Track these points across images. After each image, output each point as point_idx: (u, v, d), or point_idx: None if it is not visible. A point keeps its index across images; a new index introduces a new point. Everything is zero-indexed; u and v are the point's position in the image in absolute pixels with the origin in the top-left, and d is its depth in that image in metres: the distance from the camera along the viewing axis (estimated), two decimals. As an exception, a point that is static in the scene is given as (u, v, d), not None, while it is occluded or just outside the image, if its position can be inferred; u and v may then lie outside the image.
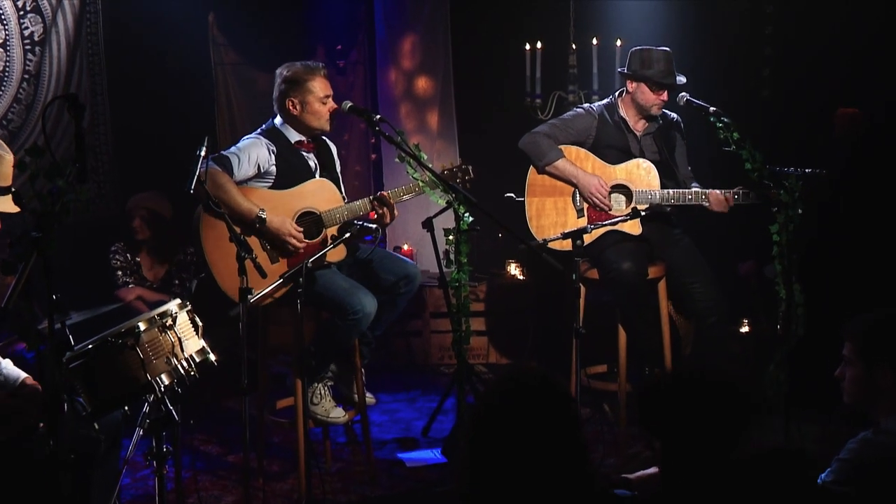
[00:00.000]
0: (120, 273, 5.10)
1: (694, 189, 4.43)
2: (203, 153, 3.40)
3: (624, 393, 4.43)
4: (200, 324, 3.17)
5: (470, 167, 4.21)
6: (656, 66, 4.42)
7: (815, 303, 4.14)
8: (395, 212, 4.05)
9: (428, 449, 4.51)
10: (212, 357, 3.16)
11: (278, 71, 4.10)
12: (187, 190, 3.35)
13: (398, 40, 6.23)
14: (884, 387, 2.60)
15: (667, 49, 4.46)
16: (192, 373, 3.05)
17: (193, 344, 3.12)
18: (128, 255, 5.13)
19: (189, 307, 3.15)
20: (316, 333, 4.07)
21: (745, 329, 5.26)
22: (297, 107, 4.04)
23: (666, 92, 4.43)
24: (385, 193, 4.04)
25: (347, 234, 3.83)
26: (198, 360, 3.10)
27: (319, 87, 4.05)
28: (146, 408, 3.04)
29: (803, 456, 2.21)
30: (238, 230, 3.51)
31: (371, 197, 4.06)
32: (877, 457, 2.51)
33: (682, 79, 4.44)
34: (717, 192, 4.33)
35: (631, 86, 4.52)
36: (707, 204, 4.35)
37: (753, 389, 3.98)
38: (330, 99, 4.07)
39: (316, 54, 6.08)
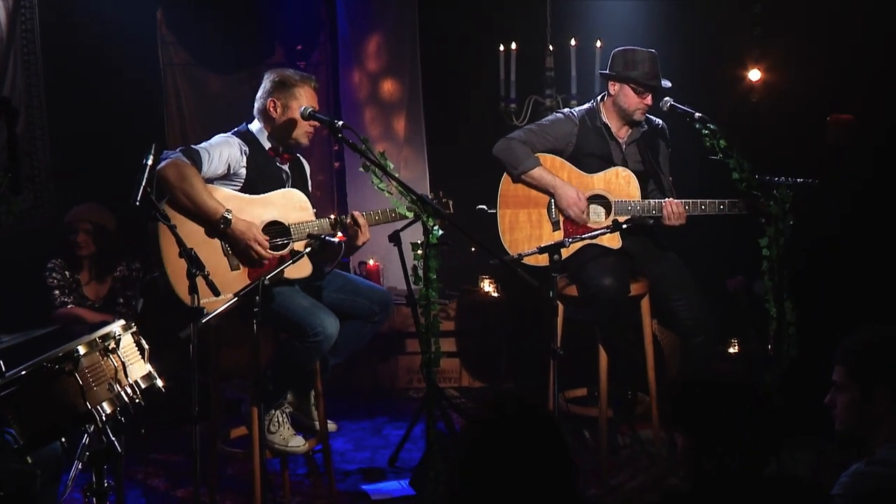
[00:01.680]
0: (57, 292, 5.03)
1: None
2: (150, 161, 3.39)
3: (605, 418, 4.44)
4: (146, 346, 3.13)
5: (450, 202, 4.30)
6: (641, 68, 4.45)
7: (808, 321, 4.17)
8: (368, 235, 4.08)
9: (395, 480, 4.49)
10: (159, 383, 3.13)
11: (267, 73, 4.14)
12: (133, 203, 3.32)
13: (362, 40, 6.22)
14: (882, 411, 2.61)
15: (652, 50, 4.49)
16: (137, 400, 3.01)
17: (139, 369, 3.08)
18: (66, 272, 5.07)
19: (134, 328, 3.12)
20: (273, 356, 4.06)
21: (733, 349, 5.29)
22: (279, 109, 4.06)
23: (650, 96, 4.46)
24: (357, 214, 4.06)
25: (308, 249, 3.82)
26: (143, 386, 3.07)
27: (306, 95, 4.08)
28: (86, 439, 3.00)
29: (800, 484, 2.23)
30: (198, 232, 3.47)
31: (338, 216, 4.08)
32: (872, 489, 2.51)
33: (667, 83, 4.47)
34: (675, 202, 4.33)
35: (613, 88, 4.54)
36: (659, 215, 4.36)
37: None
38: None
39: (274, 55, 6.06)
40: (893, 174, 4.70)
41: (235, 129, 4.14)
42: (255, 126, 4.13)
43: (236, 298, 3.61)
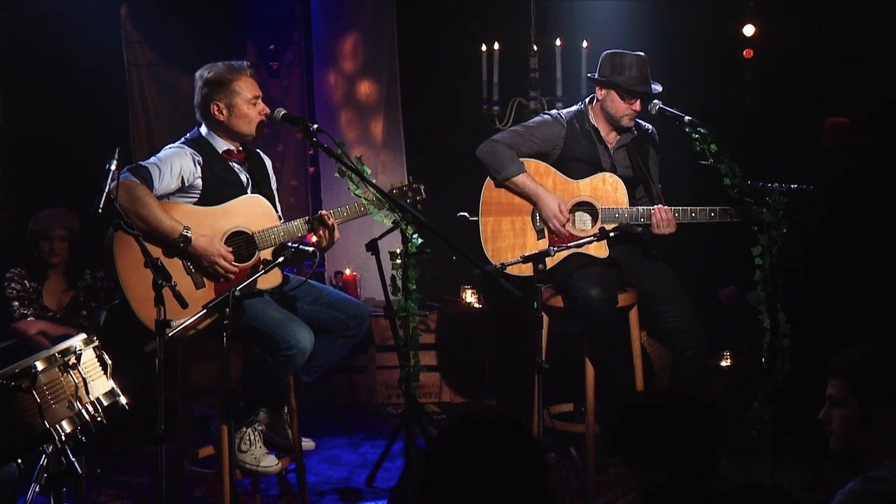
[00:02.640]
0: (17, 304, 4.99)
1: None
2: (114, 166, 3.37)
3: (592, 435, 4.43)
4: (110, 362, 3.11)
5: (421, 186, 4.25)
6: (628, 72, 4.46)
7: (804, 333, 4.18)
8: (337, 234, 4.05)
9: (373, 500, 4.47)
10: (122, 400, 3.10)
11: (198, 74, 4.09)
12: (95, 210, 3.29)
13: (338, 40, 6.21)
14: (881, 426, 2.61)
15: (641, 54, 4.50)
16: (100, 418, 2.98)
17: (101, 385, 3.05)
18: (25, 281, 5.02)
19: (96, 342, 3.09)
20: (244, 371, 4.04)
21: (725, 363, 5.31)
22: (224, 111, 4.03)
23: (638, 101, 4.47)
24: (325, 213, 4.03)
25: (281, 259, 3.81)
26: (106, 403, 3.03)
27: (246, 87, 4.04)
28: (44, 460, 2.96)
29: (785, 495, 2.22)
30: (157, 254, 3.45)
31: (309, 217, 4.05)
32: (869, 507, 2.52)
33: (657, 87, 4.48)
34: (664, 209, 4.34)
35: (600, 93, 4.56)
36: (648, 223, 4.37)
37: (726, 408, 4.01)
38: (259, 100, 4.07)
39: (245, 55, 6.04)
40: (891, 180, 4.72)
41: (186, 136, 4.10)
42: (205, 129, 4.09)
43: (205, 311, 3.58)
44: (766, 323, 4.12)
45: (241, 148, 4.11)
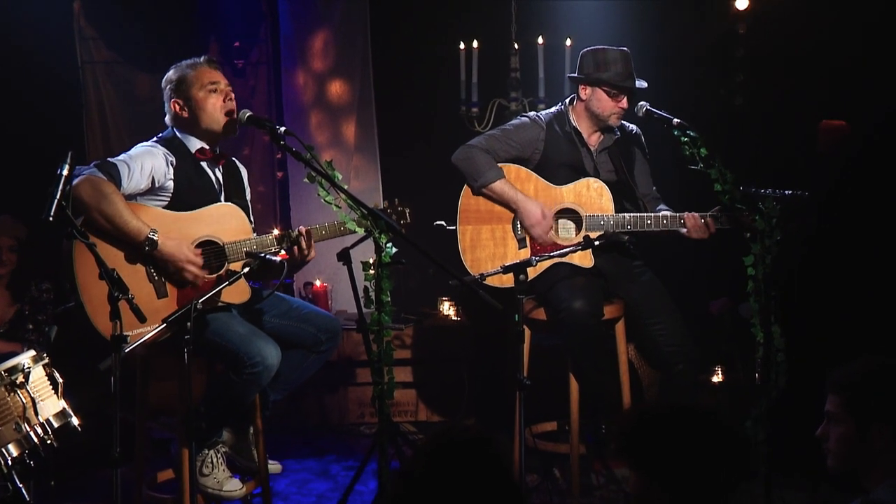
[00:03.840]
0: (-43, 319, 4.95)
1: (663, 212, 4.47)
2: (66, 171, 3.34)
3: (577, 455, 4.43)
4: (61, 380, 3.07)
5: (406, 209, 4.29)
6: (613, 68, 4.47)
7: (799, 347, 4.20)
8: (313, 252, 4.07)
9: (344, 527, 4.43)
10: (74, 421, 3.08)
11: (164, 79, 4.11)
12: (45, 218, 3.26)
13: (307, 37, 6.20)
14: (879, 448, 2.62)
15: (625, 49, 4.52)
16: (50, 441, 2.95)
17: (51, 405, 3.03)
18: (-35, 295, 4.99)
19: (47, 360, 3.06)
20: (207, 390, 4.02)
21: (717, 378, 5.32)
22: (185, 108, 4.05)
23: (625, 98, 4.49)
24: (304, 230, 4.05)
25: (246, 269, 3.78)
26: (56, 424, 3.01)
27: (202, 75, 4.04)
28: (-10, 486, 2.92)
29: None
30: (119, 257, 3.42)
31: (284, 231, 4.06)
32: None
33: (642, 83, 4.50)
34: (695, 214, 4.37)
35: (584, 92, 4.56)
36: (684, 230, 4.38)
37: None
38: (220, 86, 4.06)
39: (208, 52, 5.98)
40: (889, 185, 4.75)
41: (159, 135, 4.10)
42: (178, 131, 4.10)
43: (165, 325, 3.55)
44: (760, 336, 4.14)
45: (216, 149, 4.11)
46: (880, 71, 5.23)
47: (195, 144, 4.07)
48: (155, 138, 4.08)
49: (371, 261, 3.96)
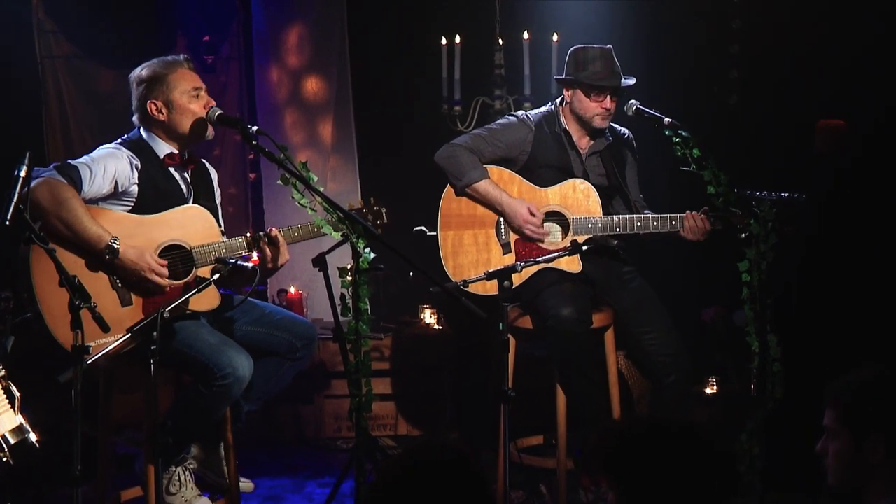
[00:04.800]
0: None
1: (647, 214, 4.48)
2: (23, 173, 3.33)
3: (564, 471, 4.43)
4: (18, 394, 3.05)
5: (383, 209, 4.28)
6: (591, 67, 4.49)
7: (796, 357, 4.21)
8: (286, 255, 4.06)
9: (319, 548, 4.43)
10: (32, 437, 3.06)
11: (132, 75, 4.09)
12: (2, 222, 3.24)
13: (281, 32, 6.19)
14: (876, 462, 2.62)
15: (607, 46, 4.52)
16: (5, 458, 2.92)
17: (7, 420, 3.02)
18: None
19: (3, 372, 3.04)
20: (174, 403, 4.03)
21: (710, 389, 5.33)
22: (163, 110, 4.03)
23: (608, 98, 4.49)
24: (275, 231, 4.03)
25: (216, 275, 3.78)
26: (13, 441, 3.00)
27: (184, 79, 4.05)
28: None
29: None
30: (79, 265, 3.40)
31: (254, 233, 4.05)
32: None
33: (629, 81, 4.51)
34: (695, 214, 4.37)
35: (567, 93, 4.59)
36: (681, 230, 4.38)
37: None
38: (203, 92, 4.07)
39: (176, 47, 5.98)
40: (890, 187, 4.77)
41: (124, 136, 4.09)
42: (146, 132, 4.09)
43: (129, 335, 3.54)
44: (755, 345, 4.15)
45: (186, 154, 4.10)
46: (880, 68, 5.25)
47: (164, 148, 4.05)
48: (119, 140, 4.06)
49: (348, 267, 3.96)
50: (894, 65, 5.18)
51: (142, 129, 4.08)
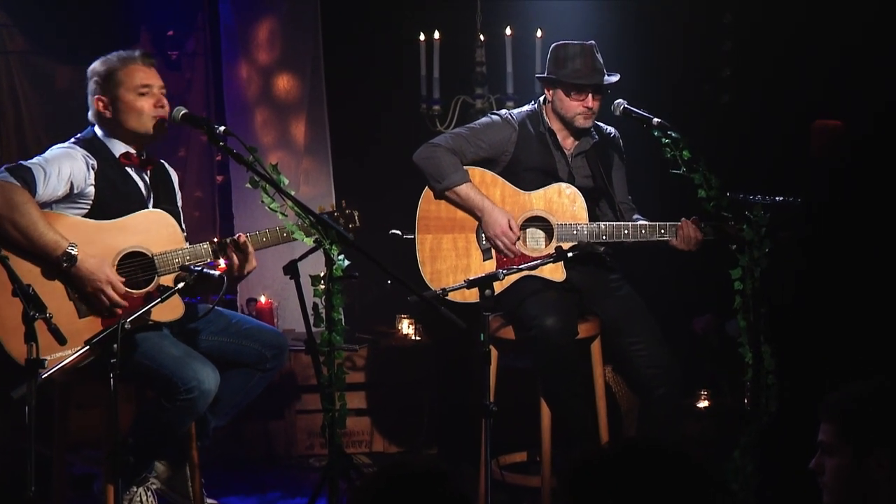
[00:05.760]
0: None
1: (641, 222, 4.48)
2: (-26, 174, 3.29)
3: (549, 489, 4.43)
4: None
5: (355, 212, 4.27)
6: (571, 65, 4.50)
7: (791, 369, 4.21)
8: (254, 262, 4.05)
9: (290, 572, 4.41)
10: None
11: (88, 70, 4.08)
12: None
13: (251, 26, 6.17)
14: (878, 478, 2.61)
15: (590, 42, 4.52)
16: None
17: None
18: None
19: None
20: (136, 419, 4.00)
21: (702, 403, 5.33)
22: (109, 107, 4.02)
23: (590, 96, 4.49)
24: (242, 237, 4.02)
25: (181, 284, 3.76)
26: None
27: (133, 75, 4.02)
28: None
29: None
30: (34, 273, 3.37)
31: (220, 239, 4.03)
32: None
33: (612, 78, 4.51)
34: (689, 223, 4.37)
35: (549, 92, 4.61)
36: (671, 239, 4.39)
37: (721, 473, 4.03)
38: (154, 90, 4.03)
39: (139, 42, 5.96)
40: (888, 190, 4.78)
41: (78, 135, 4.07)
42: (101, 131, 4.07)
43: (87, 347, 3.51)
44: (748, 357, 4.15)
45: (142, 154, 4.08)
46: (878, 66, 5.27)
47: (119, 148, 4.04)
48: (73, 139, 4.05)
49: (321, 274, 3.95)
50: (894, 63, 5.20)
51: (96, 128, 4.07)
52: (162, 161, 4.24)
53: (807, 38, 5.48)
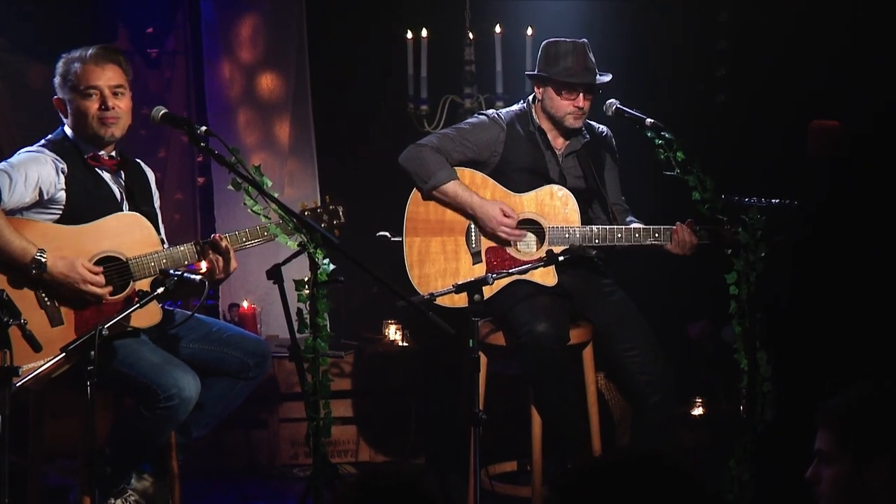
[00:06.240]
0: None
1: (635, 225, 4.48)
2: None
3: (539, 499, 4.42)
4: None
5: (340, 208, 4.26)
6: (562, 63, 4.50)
7: (788, 376, 4.21)
8: (234, 263, 4.04)
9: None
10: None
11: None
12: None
13: (233, 23, 6.15)
14: (878, 488, 2.61)
15: (582, 40, 4.53)
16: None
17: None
18: None
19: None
20: (113, 428, 3.99)
21: (697, 411, 5.34)
22: (66, 106, 4.01)
23: (581, 95, 4.50)
24: (219, 237, 4.00)
25: (160, 289, 3.74)
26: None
27: (81, 75, 3.97)
28: None
29: None
30: (1, 283, 3.35)
31: (199, 241, 4.02)
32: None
33: (604, 77, 4.51)
34: (683, 227, 4.37)
35: (538, 91, 4.60)
36: (666, 243, 4.39)
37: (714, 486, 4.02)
38: (104, 91, 3.97)
39: (116, 39, 5.94)
40: (888, 192, 4.79)
41: (49, 136, 4.04)
42: (70, 132, 4.05)
43: (64, 354, 3.49)
44: (744, 364, 4.16)
45: (113, 155, 4.06)
46: (877, 64, 5.28)
47: (87, 149, 4.01)
48: (42, 141, 4.02)
49: (306, 279, 3.94)
50: (893, 63, 5.21)
51: (66, 127, 4.04)
52: (138, 160, 4.21)
53: (804, 36, 5.49)
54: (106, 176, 4.04)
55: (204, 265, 4.03)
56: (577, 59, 4.48)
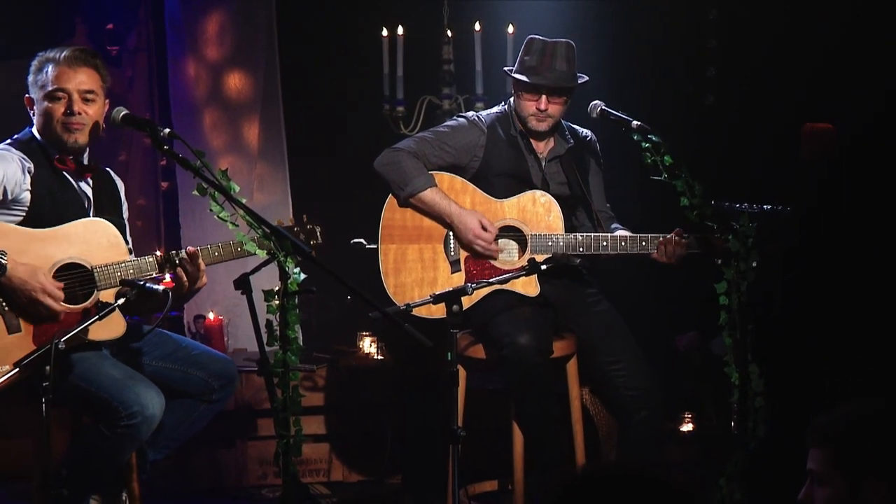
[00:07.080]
0: None
1: (620, 233, 4.49)
2: None
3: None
4: None
5: (317, 228, 4.28)
6: (527, 61, 4.52)
7: (781, 390, 4.22)
8: (204, 279, 4.05)
9: None
10: None
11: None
12: None
13: (199, 19, 6.14)
14: (872, 510, 2.62)
15: (563, 40, 4.53)
16: None
17: None
18: None
19: None
20: (70, 448, 3.96)
21: (686, 427, 5.35)
22: (33, 106, 4.03)
23: (543, 97, 4.49)
24: (193, 251, 4.00)
25: (121, 300, 3.74)
26: None
27: (50, 76, 3.98)
28: None
29: None
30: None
31: (167, 252, 4.01)
32: None
33: (581, 78, 4.51)
34: (670, 239, 4.38)
35: (513, 89, 4.62)
36: (652, 252, 4.40)
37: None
38: (73, 95, 3.98)
39: (74, 36, 5.93)
40: (882, 197, 4.81)
41: (16, 136, 4.04)
42: (37, 132, 4.05)
43: (17, 370, 3.49)
44: (735, 377, 4.16)
45: (80, 159, 4.06)
46: (870, 67, 5.31)
47: (54, 151, 4.02)
48: (8, 141, 4.02)
49: (275, 289, 3.93)
50: (887, 64, 5.24)
51: (33, 128, 4.05)
52: (107, 169, 4.22)
53: (796, 36, 5.51)
54: (73, 181, 4.05)
55: (168, 277, 4.01)
56: (545, 58, 4.49)
